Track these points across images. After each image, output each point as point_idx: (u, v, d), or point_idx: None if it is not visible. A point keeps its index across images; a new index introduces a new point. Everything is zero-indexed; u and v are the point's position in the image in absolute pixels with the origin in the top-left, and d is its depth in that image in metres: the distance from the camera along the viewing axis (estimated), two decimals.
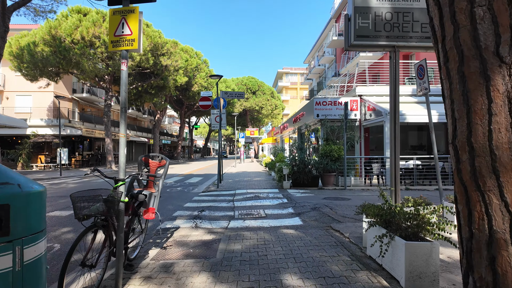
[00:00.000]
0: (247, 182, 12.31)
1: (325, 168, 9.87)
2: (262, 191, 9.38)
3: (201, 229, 4.99)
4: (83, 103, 28.94)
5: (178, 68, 22.83)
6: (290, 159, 10.13)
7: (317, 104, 11.95)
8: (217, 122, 11.23)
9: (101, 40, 17.94)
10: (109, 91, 22.25)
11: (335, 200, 7.66)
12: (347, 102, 9.75)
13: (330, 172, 9.98)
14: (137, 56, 18.80)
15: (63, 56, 18.22)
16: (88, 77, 19.52)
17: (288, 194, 8.70)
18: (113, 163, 22.24)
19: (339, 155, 9.82)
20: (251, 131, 31.81)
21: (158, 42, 20.20)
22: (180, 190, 10.31)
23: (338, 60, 25.50)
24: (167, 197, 8.71)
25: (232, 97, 10.54)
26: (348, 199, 7.86)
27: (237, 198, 8.26)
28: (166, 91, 25.66)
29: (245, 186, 10.77)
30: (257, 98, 44.99)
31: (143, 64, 19.90)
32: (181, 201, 7.98)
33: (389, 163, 10.20)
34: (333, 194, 8.77)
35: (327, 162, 9.71)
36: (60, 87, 25.06)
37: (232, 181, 12.84)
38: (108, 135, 22.29)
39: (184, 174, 17.25)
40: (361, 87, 12.27)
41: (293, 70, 62.79)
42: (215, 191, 9.89)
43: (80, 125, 25.02)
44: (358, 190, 9.68)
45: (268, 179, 13.34)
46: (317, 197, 8.29)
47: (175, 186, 11.31)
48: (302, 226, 5.06)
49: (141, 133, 39.34)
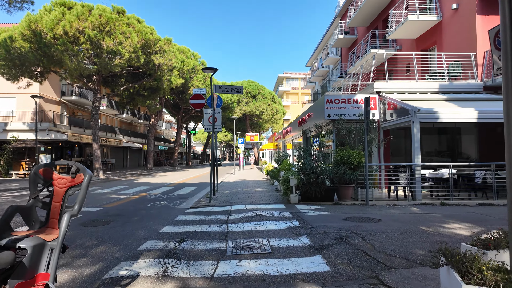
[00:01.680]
0: (246, 194, 10.46)
1: (341, 178, 8.03)
2: (264, 207, 7.53)
3: (171, 282, 3.14)
4: (73, 106, 27.22)
5: (172, 67, 21.14)
6: (298, 167, 8.30)
7: (328, 102, 10.17)
8: (210, 123, 9.43)
9: (85, 36, 16.28)
10: (98, 92, 20.53)
11: (362, 223, 5.80)
12: (368, 98, 7.99)
13: (348, 183, 8.14)
14: (126, 54, 17.11)
15: (44, 52, 16.55)
16: (72, 76, 17.82)
17: (298, 212, 6.85)
18: (100, 170, 20.38)
19: (358, 162, 7.99)
20: (251, 136, 30.02)
21: (149, 39, 18.53)
22: (164, 205, 8.45)
23: (344, 59, 23.86)
24: (143, 216, 6.86)
25: (229, 91, 8.76)
26: (377, 220, 6.01)
27: (232, 218, 6.41)
28: (160, 93, 23.94)
29: (244, 200, 8.92)
30: (258, 102, 43.32)
31: (133, 63, 18.18)
32: (160, 222, 6.13)
33: (418, 171, 8.37)
34: (356, 212, 6.92)
35: (345, 171, 7.87)
36: (47, 89, 23.36)
37: (229, 192, 10.98)
38: (96, 140, 20.47)
39: (176, 184, 15.39)
40: (380, 83, 10.51)
41: (294, 74, 61.64)
42: (207, 206, 8.03)
43: (67, 129, 23.23)
44: (383, 206, 7.82)
45: (271, 190, 11.49)
46: (336, 216, 6.43)
47: (160, 199, 9.46)
48: (330, 276, 3.21)
49: (136, 138, 37.57)
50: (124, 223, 6.07)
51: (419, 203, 8.04)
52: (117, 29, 16.92)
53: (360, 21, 19.14)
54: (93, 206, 8.23)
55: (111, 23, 16.79)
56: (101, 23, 16.60)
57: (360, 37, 21.01)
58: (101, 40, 16.50)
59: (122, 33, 17.05)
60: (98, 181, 17.70)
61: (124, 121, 38.26)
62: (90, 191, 11.84)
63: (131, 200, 9.47)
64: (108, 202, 8.92)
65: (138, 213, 7.20)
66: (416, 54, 11.43)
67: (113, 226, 5.76)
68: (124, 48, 17.08)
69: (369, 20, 18.80)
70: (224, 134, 66.36)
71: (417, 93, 10.44)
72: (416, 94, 10.41)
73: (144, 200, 9.43)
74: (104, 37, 16.59)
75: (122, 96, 23.99)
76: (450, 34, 11.95)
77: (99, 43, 16.58)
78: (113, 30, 16.89)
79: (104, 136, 28.88)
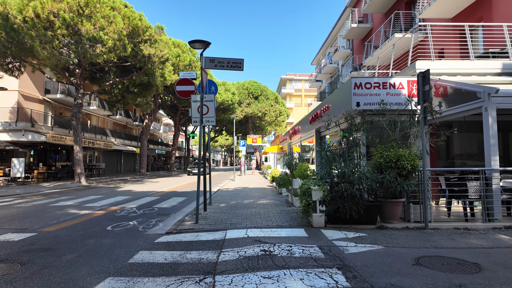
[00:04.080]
0: (247, 208, 7.92)
1: (387, 189, 5.50)
2: (275, 234, 5.00)
3: None
4: (59, 106, 24.86)
5: (165, 60, 18.76)
6: (323, 174, 5.75)
7: (356, 87, 7.68)
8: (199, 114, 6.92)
9: (60, 19, 13.94)
10: (80, 87, 18.15)
11: (454, 274, 3.26)
12: (427, 71, 5.50)
13: (396, 197, 5.59)
14: (109, 41, 14.74)
15: (12, 38, 14.23)
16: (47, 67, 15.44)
17: (331, 247, 4.30)
18: (83, 176, 17.90)
19: (412, 165, 5.46)
20: (253, 138, 27.51)
21: (138, 25, 16.17)
22: (130, 227, 5.92)
23: (357, 52, 21.41)
24: (87, 250, 4.33)
25: (223, 66, 6.27)
26: (476, 269, 3.46)
27: (225, 258, 3.87)
28: (153, 90, 21.52)
29: (245, 219, 6.39)
30: (260, 103, 40.86)
31: (118, 52, 15.81)
32: (102, 268, 3.60)
33: (496, 179, 5.82)
34: (421, 245, 4.37)
35: (394, 179, 5.33)
36: (28, 85, 21.05)
37: (225, 206, 8.45)
38: (78, 141, 18.02)
39: (163, 192, 12.85)
40: (424, 62, 8.01)
41: (297, 76, 59.56)
42: (190, 230, 5.50)
43: (48, 130, 20.82)
44: (451, 231, 5.26)
45: (279, 202, 8.95)
46: (399, 256, 3.88)
47: (130, 217, 6.93)
48: None
49: (130, 141, 35.14)
50: (40, 269, 3.56)
51: (502, 227, 5.49)
52: (98, 12, 14.58)
53: (377, 6, 16.74)
54: (27, 229, 5.71)
55: (91, 5, 14.45)
56: (79, 5, 14.27)
57: (376, 26, 18.60)
58: (79, 25, 14.15)
59: (104, 17, 14.71)
60: (76, 188, 15.21)
61: (118, 123, 35.91)
62: (47, 203, 9.30)
63: (91, 218, 6.95)
64: (54, 222, 6.40)
65: (83, 243, 4.68)
66: (469, 25, 8.92)
67: (9, 281, 3.24)
68: (107, 34, 14.72)
69: (389, 3, 16.39)
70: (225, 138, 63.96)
71: (472, 75, 7.94)
72: (472, 76, 7.91)
73: (109, 218, 6.91)
74: (83, 21, 14.25)
75: (111, 94, 21.59)
76: (505, 4, 9.46)
77: (77, 28, 14.23)
78: (94, 14, 14.55)
79: (93, 138, 26.47)
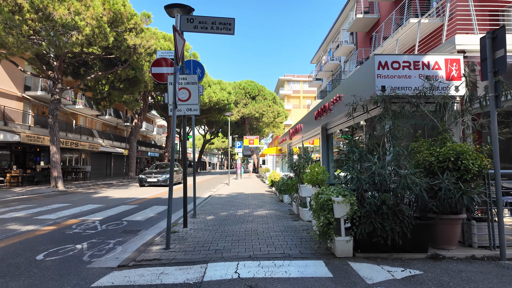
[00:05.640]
0: (241, 222, 6.15)
1: (443, 201, 3.77)
2: (282, 275, 3.25)
3: None
4: (40, 104, 22.97)
5: (152, 51, 16.99)
6: (350, 180, 3.99)
7: (381, 67, 5.98)
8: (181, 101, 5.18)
9: (29, 2, 12.18)
10: (58, 82, 16.33)
11: None
12: (502, 28, 3.85)
13: (456, 213, 3.87)
14: (86, 28, 12.97)
15: None
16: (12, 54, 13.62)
17: None
18: (60, 180, 16.02)
19: (479, 167, 3.75)
20: (250, 139, 25.77)
21: (120, 11, 14.44)
22: (74, 253, 4.12)
23: (362, 45, 19.83)
24: None
25: (207, 29, 4.50)
26: None
27: None
28: (141, 87, 19.74)
29: (237, 241, 4.62)
30: (257, 104, 39.13)
31: (99, 41, 14.03)
32: None
33: None
34: None
35: (454, 187, 3.61)
36: (5, 82, 19.23)
37: (214, 218, 6.68)
38: (54, 141, 16.16)
39: (145, 199, 11.04)
40: (465, 37, 6.34)
41: (295, 77, 58.23)
42: (154, 263, 3.71)
43: (24, 129, 18.94)
44: None
45: (282, 214, 7.20)
46: None
47: (84, 236, 5.13)
48: None
49: (120, 143, 33.27)
50: None
51: None
52: None
53: None
54: None
55: None
56: None
57: (383, 16, 17.05)
58: (50, 8, 12.39)
59: (80, 0, 12.97)
60: (49, 194, 13.33)
61: (108, 124, 34.05)
62: None
63: (28, 238, 5.14)
64: None
65: None
66: None
67: None
68: (84, 20, 12.96)
69: None
70: (222, 140, 62.18)
71: None
72: None
73: (53, 238, 5.11)
74: (55, 5, 12.48)
75: (96, 90, 19.77)
76: None
77: (48, 13, 12.46)
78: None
79: (77, 139, 24.58)
